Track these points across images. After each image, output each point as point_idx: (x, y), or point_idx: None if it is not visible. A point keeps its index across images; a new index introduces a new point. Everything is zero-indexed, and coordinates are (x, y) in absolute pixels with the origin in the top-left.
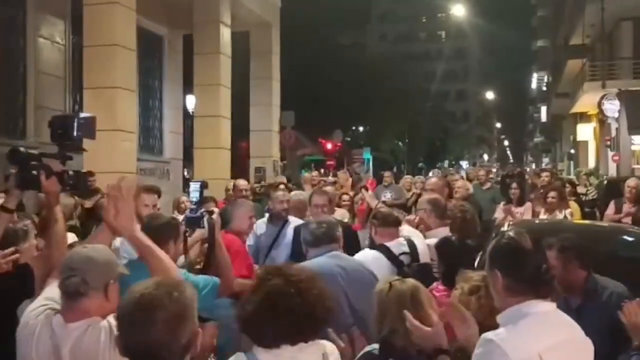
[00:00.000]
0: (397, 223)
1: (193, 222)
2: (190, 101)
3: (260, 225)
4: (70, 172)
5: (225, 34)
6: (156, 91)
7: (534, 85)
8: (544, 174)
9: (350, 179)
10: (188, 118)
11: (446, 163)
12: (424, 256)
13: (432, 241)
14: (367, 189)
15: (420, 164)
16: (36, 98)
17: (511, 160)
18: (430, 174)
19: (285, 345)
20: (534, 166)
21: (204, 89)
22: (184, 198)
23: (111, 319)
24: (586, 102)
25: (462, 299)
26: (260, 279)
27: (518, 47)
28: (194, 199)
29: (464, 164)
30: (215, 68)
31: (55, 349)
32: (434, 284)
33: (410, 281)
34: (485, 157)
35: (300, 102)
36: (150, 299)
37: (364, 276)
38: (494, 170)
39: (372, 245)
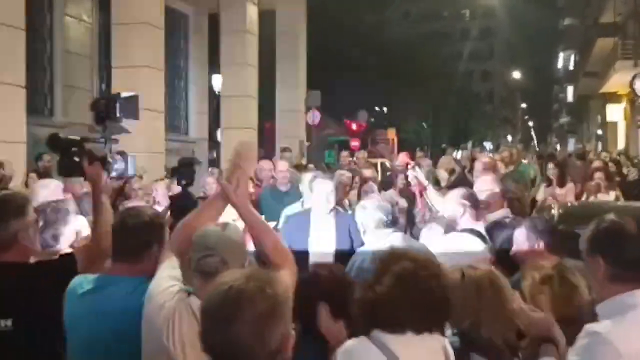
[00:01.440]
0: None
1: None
2: (216, 81)
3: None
4: (117, 157)
5: (252, 12)
6: (182, 71)
7: (560, 64)
8: (590, 154)
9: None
10: (213, 98)
11: (469, 144)
12: None
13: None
14: (419, 166)
15: (443, 145)
16: (63, 77)
17: (535, 141)
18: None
19: (410, 333)
20: (558, 147)
21: (230, 68)
22: (210, 179)
23: None
24: (617, 81)
25: (533, 289)
26: (384, 261)
27: (544, 26)
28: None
29: (488, 144)
30: (242, 47)
31: None
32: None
33: (483, 267)
34: (509, 138)
35: (325, 82)
36: (239, 293)
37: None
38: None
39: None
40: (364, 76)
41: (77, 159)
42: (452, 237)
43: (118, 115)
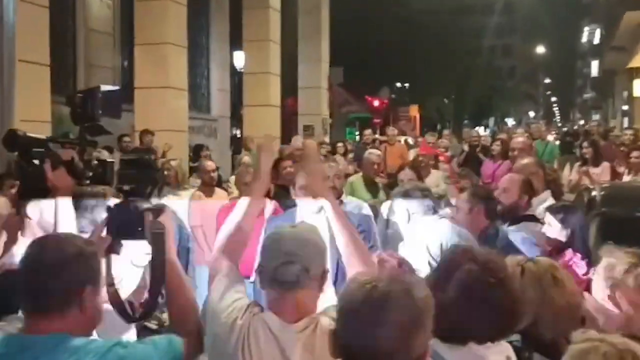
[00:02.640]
0: None
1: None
2: (238, 58)
3: None
4: (95, 162)
5: None
6: (203, 48)
7: (584, 39)
8: (628, 132)
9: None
10: (235, 75)
11: (491, 121)
12: None
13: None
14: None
15: (465, 122)
16: (86, 56)
17: (557, 117)
18: (519, 130)
19: (472, 343)
20: (582, 123)
21: (253, 44)
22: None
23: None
24: None
25: (617, 280)
26: (448, 264)
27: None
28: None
29: (510, 121)
30: (265, 23)
31: (283, 355)
32: (568, 254)
33: (544, 259)
34: (531, 114)
35: (346, 58)
36: (385, 295)
37: None
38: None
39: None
40: (386, 52)
41: (37, 162)
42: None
43: (97, 112)
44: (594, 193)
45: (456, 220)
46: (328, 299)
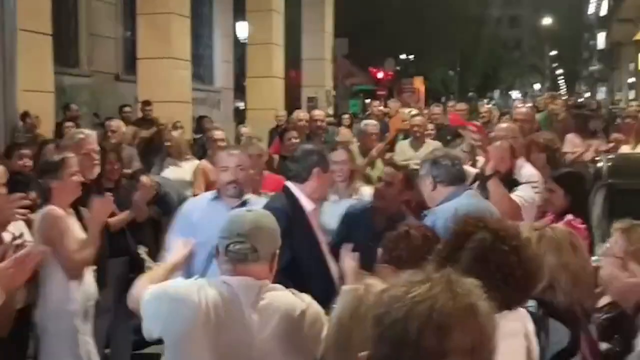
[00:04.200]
0: None
1: None
2: (241, 28)
3: None
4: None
5: None
6: (206, 18)
7: (591, 10)
8: (634, 103)
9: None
10: (238, 46)
11: (497, 93)
12: None
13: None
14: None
15: (470, 94)
16: (88, 26)
17: (562, 89)
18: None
19: None
20: (587, 95)
21: (256, 15)
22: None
23: None
24: None
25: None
26: (459, 232)
27: None
28: None
29: (515, 93)
30: None
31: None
32: (568, 217)
33: (562, 227)
34: (537, 86)
35: (351, 29)
36: (447, 317)
37: None
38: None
39: None
40: (391, 24)
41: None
42: None
43: None
44: (600, 164)
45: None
46: None
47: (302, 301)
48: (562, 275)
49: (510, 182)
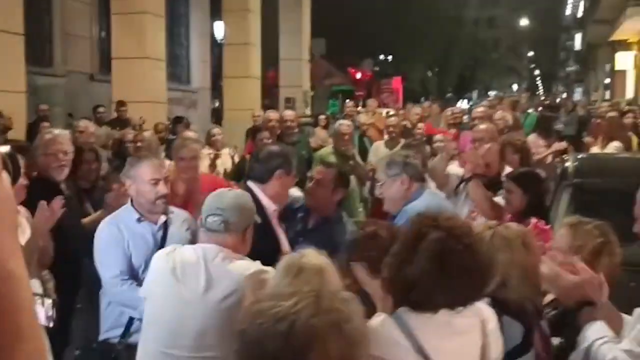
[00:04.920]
0: None
1: None
2: (218, 28)
3: None
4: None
5: None
6: (183, 18)
7: (568, 12)
8: (604, 104)
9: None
10: (216, 46)
11: (475, 94)
12: None
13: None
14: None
15: (448, 95)
16: (63, 25)
17: (540, 90)
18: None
19: (443, 310)
20: (564, 96)
21: (232, 15)
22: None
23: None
24: (627, 29)
25: (587, 259)
26: (414, 232)
27: None
28: None
29: (493, 94)
30: None
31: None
32: (532, 221)
33: (515, 226)
34: (515, 87)
35: (328, 29)
36: (309, 329)
37: None
38: (523, 101)
39: None
40: (369, 24)
41: None
42: None
43: None
44: (567, 164)
45: (314, 193)
46: None
47: (258, 267)
48: (513, 272)
49: (497, 183)
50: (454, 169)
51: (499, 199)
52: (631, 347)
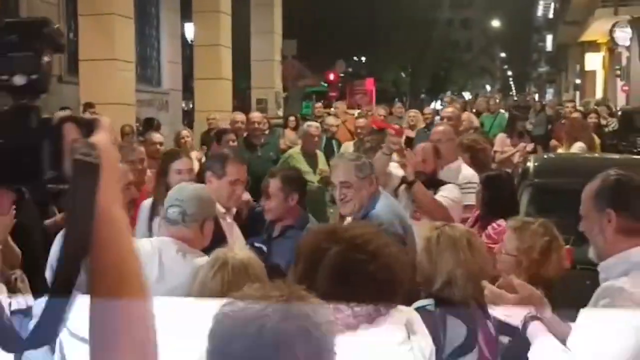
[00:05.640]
0: None
1: None
2: (189, 29)
3: None
4: None
5: None
6: (153, 19)
7: (539, 13)
8: (569, 104)
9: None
10: (187, 47)
11: (448, 94)
12: None
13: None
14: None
15: (422, 96)
16: None
17: (513, 91)
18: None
19: (364, 325)
20: (537, 97)
21: (203, 16)
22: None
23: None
24: (596, 30)
25: (536, 259)
26: (313, 250)
27: None
28: None
29: (466, 95)
30: None
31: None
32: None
33: (461, 226)
34: (488, 88)
35: (301, 30)
36: (275, 334)
37: None
38: (497, 100)
39: None
40: (342, 25)
41: None
42: None
43: None
44: (528, 164)
45: (268, 208)
46: None
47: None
48: (458, 272)
49: (435, 182)
50: (395, 168)
51: (440, 199)
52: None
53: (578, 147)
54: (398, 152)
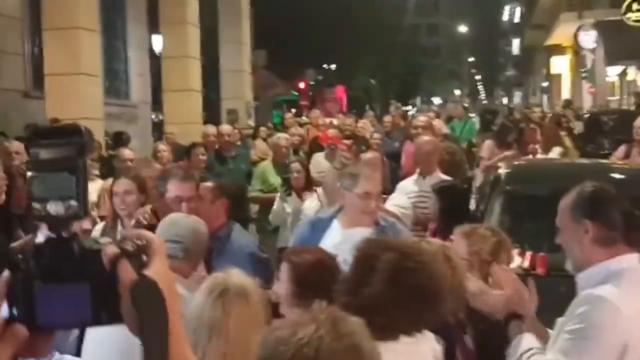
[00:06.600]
0: None
1: None
2: (157, 41)
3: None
4: None
5: None
6: (119, 31)
7: (506, 17)
8: (537, 109)
9: (327, 120)
10: (155, 59)
11: (418, 100)
12: None
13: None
14: None
15: (392, 102)
16: None
17: (482, 95)
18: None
19: (402, 336)
20: (505, 100)
21: (170, 27)
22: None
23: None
24: (562, 33)
25: (488, 260)
26: (366, 256)
27: None
28: None
29: (436, 100)
30: (183, 4)
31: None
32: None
33: (437, 241)
34: (457, 92)
35: (271, 41)
36: (316, 351)
37: None
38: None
39: None
40: (310, 34)
41: None
42: None
43: None
44: (500, 171)
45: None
46: None
47: None
48: None
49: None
50: None
51: (391, 208)
52: (556, 358)
53: (558, 151)
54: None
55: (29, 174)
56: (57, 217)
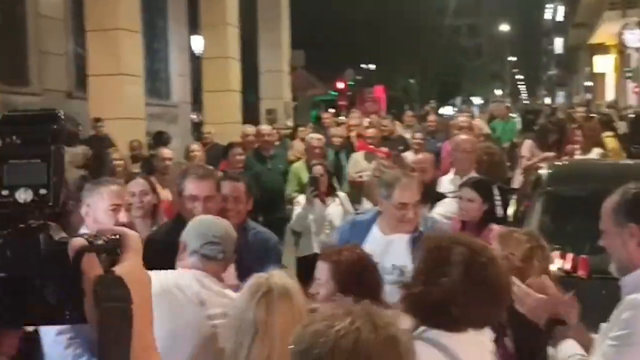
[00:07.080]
0: None
1: None
2: (197, 42)
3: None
4: None
5: None
6: (161, 32)
7: (548, 16)
8: (580, 109)
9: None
10: (195, 60)
11: (459, 100)
12: None
13: None
14: None
15: (431, 102)
16: (37, 42)
17: (523, 94)
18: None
19: (471, 329)
20: (547, 100)
21: (211, 28)
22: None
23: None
24: (605, 32)
25: (518, 266)
26: (439, 247)
27: None
28: None
29: (476, 100)
30: (222, 6)
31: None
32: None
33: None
34: (497, 92)
35: (310, 40)
36: (367, 348)
37: None
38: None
39: None
40: (350, 34)
41: None
42: None
43: None
44: (541, 171)
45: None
46: None
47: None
48: None
49: (434, 195)
50: None
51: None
52: None
53: (596, 152)
54: None
55: None
56: (24, 205)
